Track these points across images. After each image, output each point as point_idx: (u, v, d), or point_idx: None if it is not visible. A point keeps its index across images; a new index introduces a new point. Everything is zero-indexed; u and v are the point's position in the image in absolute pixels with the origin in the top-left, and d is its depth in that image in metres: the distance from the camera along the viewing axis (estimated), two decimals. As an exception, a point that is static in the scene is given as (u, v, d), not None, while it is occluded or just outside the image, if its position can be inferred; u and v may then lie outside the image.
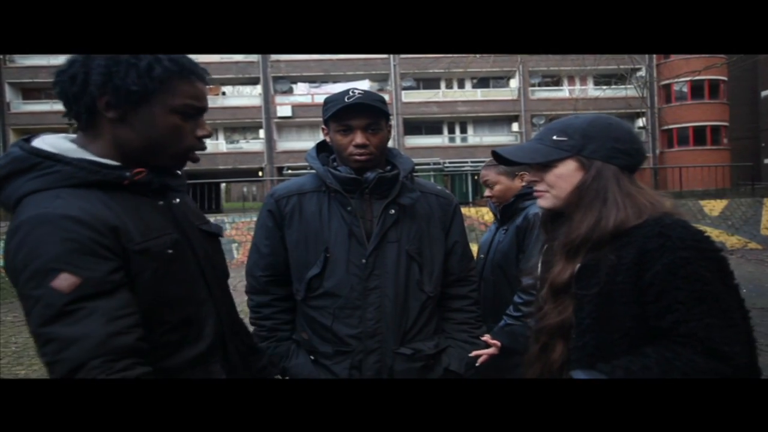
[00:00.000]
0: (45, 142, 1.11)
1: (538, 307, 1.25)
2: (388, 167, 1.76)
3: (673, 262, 1.04)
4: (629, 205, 1.14)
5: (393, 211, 1.70)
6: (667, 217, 1.11)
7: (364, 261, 1.68)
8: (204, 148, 1.22)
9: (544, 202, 1.26)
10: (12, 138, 26.81)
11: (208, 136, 1.21)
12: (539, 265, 1.35)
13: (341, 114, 1.65)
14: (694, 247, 1.05)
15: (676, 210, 1.15)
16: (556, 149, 1.21)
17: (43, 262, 0.95)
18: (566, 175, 1.20)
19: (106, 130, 1.12)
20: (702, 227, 1.16)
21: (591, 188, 1.17)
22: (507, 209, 2.26)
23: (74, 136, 1.16)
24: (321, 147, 1.84)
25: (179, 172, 1.26)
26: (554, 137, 1.22)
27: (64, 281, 0.95)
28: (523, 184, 2.29)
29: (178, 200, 1.22)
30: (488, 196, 2.37)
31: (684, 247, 1.05)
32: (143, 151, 1.13)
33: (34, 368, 5.16)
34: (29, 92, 27.83)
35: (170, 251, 1.12)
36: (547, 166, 1.23)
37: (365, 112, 1.65)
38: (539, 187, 1.26)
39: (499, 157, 1.34)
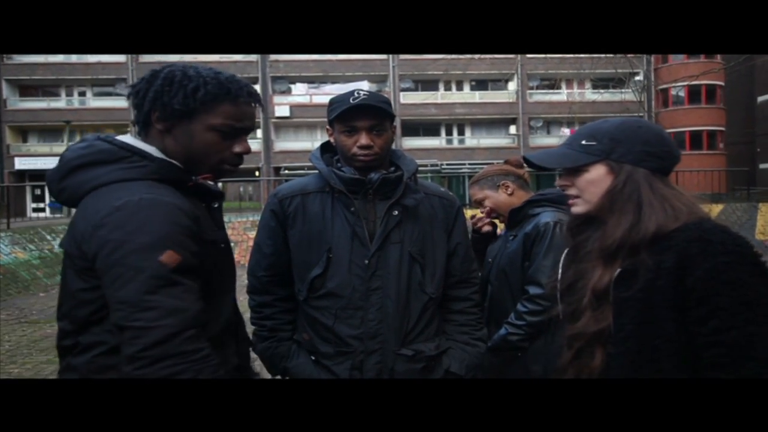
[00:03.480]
0: (127, 141, 1.24)
1: (575, 313, 1.22)
2: (392, 168, 1.76)
3: (714, 267, 1.03)
4: (667, 207, 1.13)
5: (396, 212, 1.70)
6: (707, 222, 1.10)
7: (366, 262, 1.68)
8: (239, 163, 1.33)
9: (577, 208, 1.24)
10: (8, 134, 26.70)
11: (245, 152, 1.31)
12: (560, 270, 1.35)
13: (346, 115, 1.65)
14: (735, 252, 1.04)
15: (709, 215, 1.14)
16: (584, 154, 1.21)
17: (153, 238, 1.07)
18: (596, 179, 1.20)
19: (156, 139, 1.26)
20: None
21: (623, 192, 1.16)
22: (516, 214, 2.24)
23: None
24: (325, 148, 1.84)
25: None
26: (583, 142, 1.22)
27: (170, 258, 1.07)
28: (509, 192, 2.31)
29: (216, 205, 1.36)
30: (485, 213, 2.39)
31: (725, 252, 1.03)
32: (183, 161, 1.26)
33: (27, 366, 5.15)
34: (26, 89, 27.76)
35: (223, 245, 1.31)
36: (577, 171, 1.22)
37: (370, 114, 1.65)
38: (570, 192, 1.25)
39: (529, 162, 1.34)
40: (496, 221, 2.48)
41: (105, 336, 1.12)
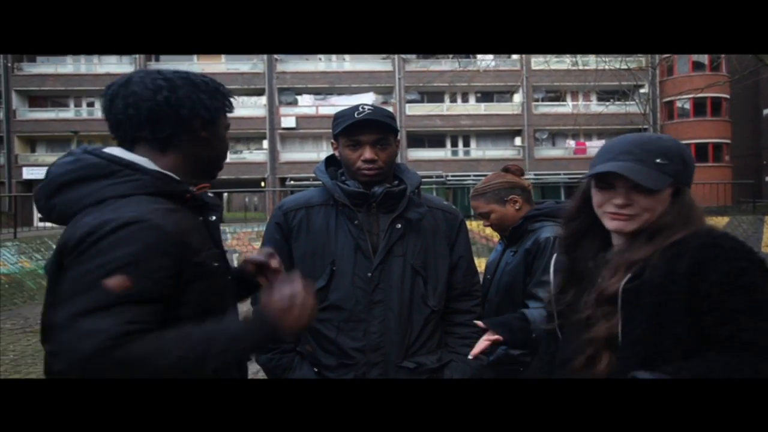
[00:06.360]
0: (116, 153, 1.17)
1: (588, 319, 1.22)
2: (396, 182, 1.78)
3: (730, 272, 1.06)
4: (694, 221, 1.17)
5: (399, 225, 1.72)
6: (717, 230, 1.14)
7: (369, 275, 1.69)
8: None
9: (631, 225, 1.20)
10: (17, 144, 26.91)
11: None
12: (554, 281, 1.36)
13: (351, 129, 1.67)
14: (747, 258, 1.08)
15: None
16: (663, 174, 1.17)
17: (109, 259, 1.01)
18: (664, 200, 1.18)
19: (186, 148, 1.22)
20: None
21: (688, 212, 1.18)
22: (515, 231, 2.22)
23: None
24: (330, 161, 1.86)
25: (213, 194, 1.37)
26: (658, 160, 1.17)
27: (116, 282, 1.00)
28: (516, 207, 2.24)
29: (214, 218, 1.29)
30: (488, 225, 2.33)
31: (738, 258, 1.07)
32: (211, 164, 1.29)
33: (31, 376, 5.15)
34: (35, 100, 28.00)
35: (216, 264, 1.20)
36: (649, 191, 1.17)
37: (374, 128, 1.67)
38: (630, 211, 1.19)
39: (616, 175, 1.21)
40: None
41: None
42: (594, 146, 25.82)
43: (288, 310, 1.11)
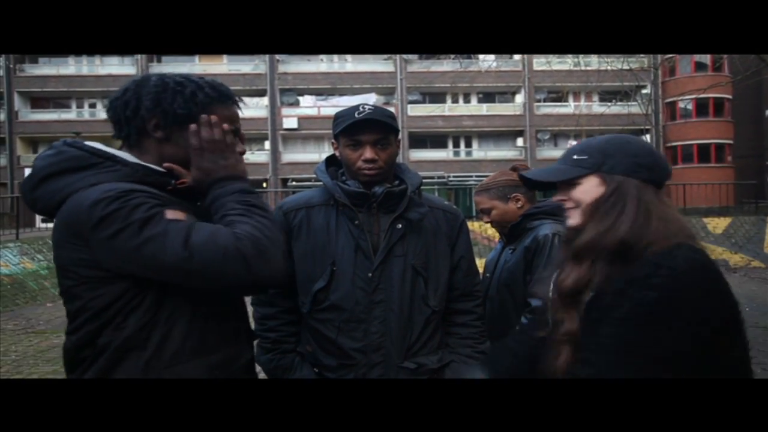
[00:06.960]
0: (98, 146, 1.21)
1: (553, 319, 1.27)
2: (396, 182, 1.78)
3: (643, 299, 1.07)
4: (644, 220, 1.16)
5: (400, 225, 1.71)
6: (677, 249, 1.10)
7: (370, 275, 1.69)
8: None
9: (573, 219, 1.29)
10: (19, 146, 26.97)
11: (243, 153, 1.33)
12: (551, 285, 1.37)
13: (351, 129, 1.67)
14: (690, 284, 1.05)
15: (695, 241, 1.15)
16: (576, 167, 1.26)
17: (148, 209, 1.09)
18: (589, 190, 1.24)
19: (152, 148, 1.25)
20: (705, 245, 1.19)
21: (609, 200, 1.20)
22: (514, 228, 2.24)
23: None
24: (330, 161, 1.86)
25: None
26: (575, 156, 1.28)
27: (174, 214, 1.11)
28: (518, 206, 2.27)
29: (198, 203, 1.31)
30: (488, 222, 2.36)
31: (676, 277, 1.05)
32: (184, 166, 1.26)
33: (33, 377, 5.16)
34: (37, 101, 28.05)
35: None
36: (571, 185, 1.27)
37: (375, 128, 1.67)
38: (568, 205, 1.30)
39: (524, 178, 1.40)
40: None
41: (114, 334, 1.11)
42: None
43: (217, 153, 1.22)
